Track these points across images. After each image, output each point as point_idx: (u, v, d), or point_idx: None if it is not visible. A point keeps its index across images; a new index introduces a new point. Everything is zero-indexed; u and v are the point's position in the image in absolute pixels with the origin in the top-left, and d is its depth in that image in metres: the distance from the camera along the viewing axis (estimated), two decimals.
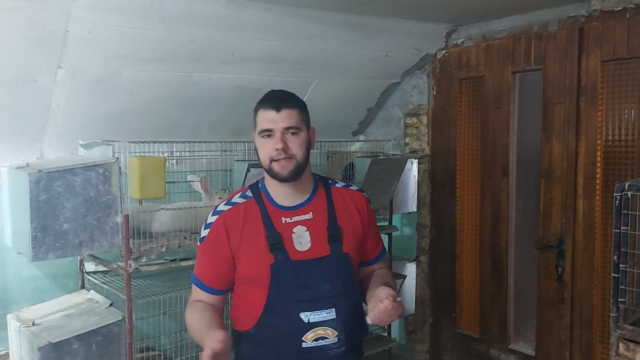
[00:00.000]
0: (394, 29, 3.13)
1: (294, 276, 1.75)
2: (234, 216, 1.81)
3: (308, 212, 1.82)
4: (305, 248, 1.78)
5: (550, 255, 3.01)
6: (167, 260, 2.80)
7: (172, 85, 2.87)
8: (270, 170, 1.77)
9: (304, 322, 1.73)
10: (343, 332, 1.76)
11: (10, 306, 2.82)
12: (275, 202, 1.83)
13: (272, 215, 1.80)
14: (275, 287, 1.75)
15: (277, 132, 1.75)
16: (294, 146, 1.76)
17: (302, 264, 1.76)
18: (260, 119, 1.80)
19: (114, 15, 2.36)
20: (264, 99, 1.83)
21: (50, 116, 2.69)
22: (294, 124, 1.76)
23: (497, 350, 3.31)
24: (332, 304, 1.75)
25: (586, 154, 2.84)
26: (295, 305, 1.74)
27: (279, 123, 1.75)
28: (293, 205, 1.83)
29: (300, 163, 1.77)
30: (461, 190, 3.49)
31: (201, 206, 2.88)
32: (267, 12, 2.66)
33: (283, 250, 1.76)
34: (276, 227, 1.78)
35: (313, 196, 1.86)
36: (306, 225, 1.80)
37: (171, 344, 3.13)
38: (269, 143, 1.76)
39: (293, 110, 1.78)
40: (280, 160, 1.74)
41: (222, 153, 2.91)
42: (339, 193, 1.90)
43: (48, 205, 2.33)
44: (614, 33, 2.71)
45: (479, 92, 3.34)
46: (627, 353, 2.11)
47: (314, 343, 1.74)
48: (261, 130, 1.78)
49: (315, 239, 1.80)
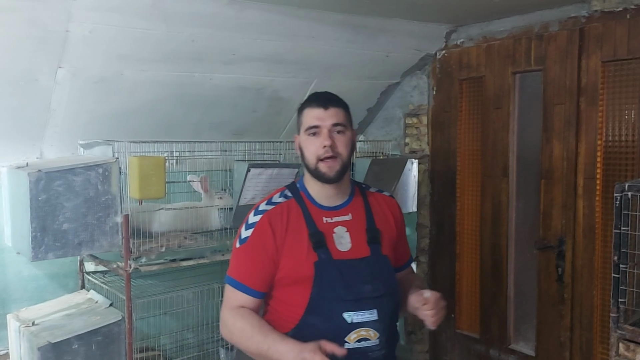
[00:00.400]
0: (394, 29, 3.13)
1: (337, 275, 1.74)
2: (278, 215, 1.80)
3: (347, 213, 1.84)
4: (346, 248, 1.79)
5: (550, 255, 3.01)
6: (167, 260, 2.80)
7: (173, 85, 2.87)
8: (316, 171, 1.78)
9: (347, 322, 1.72)
10: (384, 334, 1.76)
11: (10, 306, 2.82)
12: (316, 202, 1.84)
13: (313, 215, 1.81)
14: (319, 285, 1.74)
15: (324, 128, 1.76)
16: (341, 144, 1.77)
17: (344, 263, 1.77)
18: (307, 116, 1.79)
19: (115, 15, 2.36)
20: (311, 98, 1.84)
21: (51, 116, 2.69)
22: (342, 121, 1.78)
23: (497, 350, 3.31)
24: (374, 305, 1.75)
25: (586, 155, 2.84)
26: (339, 305, 1.73)
27: (326, 120, 1.76)
28: (333, 205, 1.84)
29: (345, 163, 1.79)
30: (461, 191, 3.49)
31: (201, 206, 2.89)
32: (268, 12, 2.66)
33: (326, 249, 1.76)
34: (318, 226, 1.79)
35: (352, 198, 1.88)
36: (346, 226, 1.82)
37: (171, 344, 3.14)
38: (316, 141, 1.76)
39: (340, 109, 1.80)
40: (326, 159, 1.75)
41: (222, 153, 2.91)
42: (374, 197, 1.93)
43: (48, 205, 2.33)
44: (615, 34, 2.71)
45: (480, 92, 3.34)
46: (627, 353, 2.11)
47: (357, 344, 1.73)
48: (308, 127, 1.78)
49: (355, 240, 1.81)
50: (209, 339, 3.21)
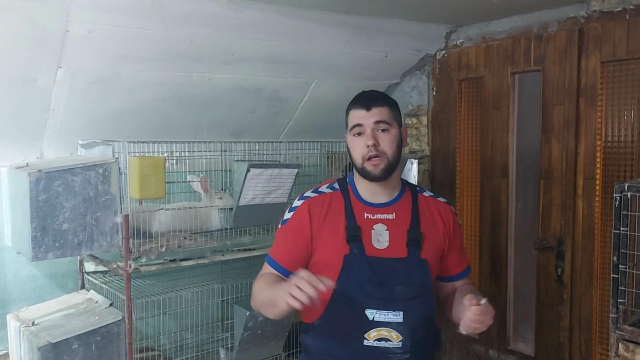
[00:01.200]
0: (393, 29, 3.13)
1: (367, 271, 1.75)
2: (319, 203, 1.84)
3: (391, 212, 1.83)
4: (382, 246, 1.78)
5: (549, 256, 3.01)
6: (167, 260, 2.80)
7: (171, 85, 2.87)
8: (363, 170, 1.79)
9: (368, 318, 1.73)
10: (409, 338, 1.73)
11: (9, 306, 2.82)
12: (361, 197, 1.85)
13: (355, 209, 1.82)
14: (345, 278, 1.75)
15: (367, 127, 1.77)
16: (385, 143, 1.77)
17: (377, 260, 1.76)
18: (352, 117, 1.82)
19: (113, 15, 2.36)
20: (355, 99, 1.86)
21: (50, 116, 2.69)
22: (385, 118, 1.78)
23: (496, 351, 3.31)
24: (401, 307, 1.73)
25: (586, 155, 2.84)
26: (363, 300, 1.73)
27: (369, 119, 1.78)
28: (378, 202, 1.84)
29: (392, 161, 1.79)
30: (461, 191, 3.50)
31: (201, 206, 2.89)
32: (267, 12, 2.66)
33: (360, 244, 1.77)
34: (357, 220, 1.80)
35: (399, 198, 1.87)
36: (387, 225, 1.81)
37: (171, 344, 3.14)
38: (361, 141, 1.78)
39: (384, 108, 1.80)
40: (372, 158, 1.76)
41: (221, 153, 2.91)
42: (425, 201, 1.91)
43: (47, 205, 2.33)
44: (614, 34, 2.71)
45: (479, 93, 3.34)
46: (627, 354, 2.11)
47: (376, 343, 1.72)
48: (352, 127, 1.80)
49: (394, 239, 1.80)
50: (208, 339, 3.21)
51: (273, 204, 2.92)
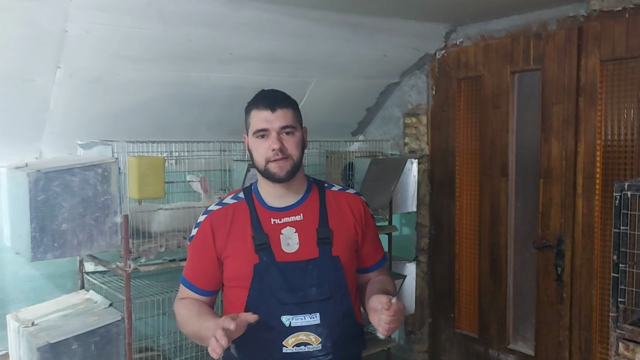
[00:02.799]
0: (392, 28, 3.13)
1: (279, 277, 1.71)
2: (222, 216, 1.79)
3: (298, 213, 1.79)
4: (293, 250, 1.74)
5: (549, 255, 3.01)
6: (166, 261, 2.80)
7: (170, 84, 2.86)
8: (267, 172, 1.74)
9: (285, 325, 1.69)
10: (329, 339, 1.70)
11: (8, 306, 2.82)
12: (266, 203, 1.80)
13: (261, 216, 1.77)
14: (257, 287, 1.72)
15: (272, 131, 1.72)
16: (291, 146, 1.73)
17: (289, 265, 1.72)
18: (255, 119, 1.75)
19: (111, 15, 2.36)
20: (257, 99, 1.78)
21: (49, 116, 2.68)
22: (290, 123, 1.74)
23: (496, 350, 3.31)
24: (317, 309, 1.70)
25: (585, 154, 2.84)
26: (277, 308, 1.70)
27: (274, 123, 1.72)
28: (283, 206, 1.80)
29: (296, 163, 1.75)
30: (460, 190, 3.49)
31: (200, 206, 2.88)
32: (265, 11, 2.65)
33: (269, 251, 1.73)
34: (264, 228, 1.76)
35: (305, 198, 1.83)
36: (295, 227, 1.77)
37: (170, 344, 3.13)
38: (265, 143, 1.73)
39: (288, 110, 1.75)
40: (277, 160, 1.71)
41: (220, 153, 2.90)
42: (333, 196, 1.86)
43: (46, 205, 2.32)
44: (613, 33, 2.71)
45: (478, 92, 3.34)
46: (627, 353, 2.11)
47: (296, 349, 1.69)
48: (256, 131, 1.74)
49: (304, 241, 1.76)
50: None
51: None
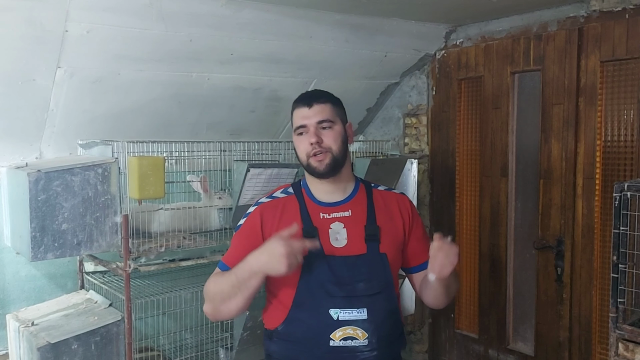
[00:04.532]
0: (393, 29, 3.13)
1: (327, 271, 1.74)
2: (272, 208, 1.84)
3: (347, 209, 1.83)
4: (341, 245, 1.78)
5: (549, 255, 3.01)
6: (166, 261, 2.80)
7: (170, 85, 2.86)
8: (309, 167, 1.79)
9: (332, 318, 1.72)
10: (375, 335, 1.73)
11: (8, 306, 2.82)
12: (315, 198, 1.85)
13: (310, 211, 1.82)
14: (306, 280, 1.75)
15: (310, 127, 1.78)
16: (328, 139, 1.77)
17: (337, 259, 1.76)
18: (295, 117, 1.82)
19: (112, 15, 2.36)
20: (298, 98, 1.85)
21: (49, 116, 2.68)
22: (327, 117, 1.78)
23: (496, 350, 3.31)
24: (365, 304, 1.73)
25: (585, 155, 2.84)
26: (326, 300, 1.73)
27: (312, 118, 1.77)
28: (332, 201, 1.84)
29: (336, 156, 1.78)
30: (460, 191, 3.49)
31: (200, 206, 2.88)
32: (266, 12, 2.65)
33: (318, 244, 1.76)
34: (313, 221, 1.79)
35: (353, 195, 1.86)
36: (344, 222, 1.80)
37: (170, 344, 3.13)
38: (304, 139, 1.78)
39: (326, 105, 1.80)
40: (317, 154, 1.76)
41: (221, 153, 2.90)
42: (380, 195, 1.90)
43: (47, 205, 2.33)
44: (613, 33, 2.71)
45: (478, 92, 3.34)
46: (627, 353, 2.11)
47: (342, 342, 1.71)
48: (296, 128, 1.81)
49: (352, 236, 1.79)
50: (207, 339, 3.21)
51: None
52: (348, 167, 1.87)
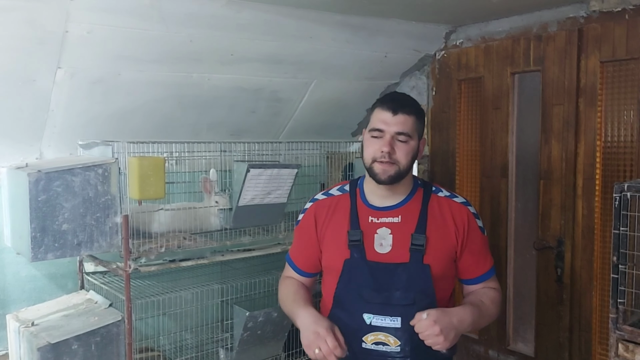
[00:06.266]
0: (393, 29, 3.13)
1: (367, 275, 1.75)
2: (326, 206, 1.88)
3: (397, 215, 1.81)
4: (385, 251, 1.77)
5: (549, 256, 3.01)
6: (166, 261, 2.80)
7: (171, 85, 2.86)
8: (370, 170, 1.78)
9: (365, 323, 1.74)
10: (408, 343, 1.72)
11: (8, 306, 2.82)
12: (367, 201, 1.84)
13: (360, 212, 1.82)
14: (344, 282, 1.77)
15: (387, 134, 1.74)
16: (401, 153, 1.75)
17: (378, 266, 1.75)
18: (375, 117, 1.79)
19: (113, 16, 2.36)
20: (384, 99, 1.82)
21: (50, 116, 2.69)
22: (407, 130, 1.75)
23: (496, 351, 3.31)
24: (399, 313, 1.72)
25: (585, 155, 2.84)
26: (361, 304, 1.74)
27: (392, 126, 1.74)
28: (384, 206, 1.82)
29: (402, 171, 1.77)
30: (460, 191, 3.49)
31: (200, 207, 2.88)
32: (266, 12, 2.66)
33: (361, 249, 1.76)
34: (361, 224, 1.79)
35: (407, 200, 1.83)
36: (391, 228, 1.79)
37: (170, 344, 3.13)
38: (377, 143, 1.76)
39: (409, 117, 1.76)
40: (383, 162, 1.74)
41: (221, 153, 2.91)
42: (438, 202, 1.85)
43: (47, 205, 2.33)
44: (613, 34, 2.71)
45: (478, 93, 3.34)
46: (627, 354, 2.11)
47: (374, 346, 1.74)
48: (372, 129, 1.77)
49: (397, 243, 1.77)
50: (208, 340, 3.21)
51: (273, 205, 2.91)
52: (410, 175, 1.85)
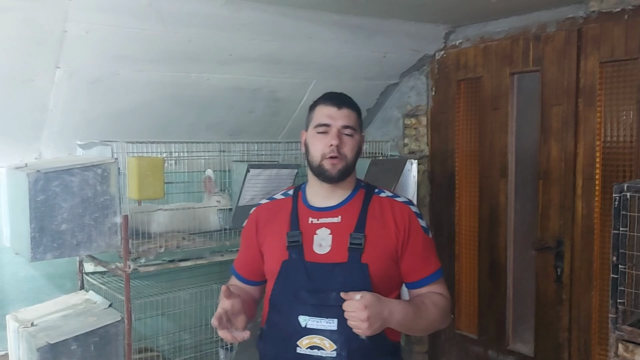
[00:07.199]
0: (392, 29, 3.13)
1: (303, 276, 1.71)
2: (267, 211, 1.88)
3: (337, 215, 1.78)
4: (324, 251, 1.74)
5: (548, 256, 3.01)
6: (165, 261, 2.79)
7: (169, 85, 2.86)
8: (320, 167, 1.75)
9: (301, 325, 1.68)
10: (345, 347, 1.65)
11: (6, 307, 2.81)
12: (308, 202, 1.83)
13: (300, 214, 1.81)
14: (281, 283, 1.75)
15: (334, 128, 1.75)
16: (348, 147, 1.75)
17: (315, 266, 1.72)
18: (319, 113, 1.78)
19: (111, 15, 2.36)
20: (325, 96, 1.82)
21: (48, 116, 2.68)
22: (352, 124, 1.77)
23: (495, 351, 3.31)
24: (336, 315, 1.65)
25: (585, 155, 2.84)
26: (297, 306, 1.69)
27: (338, 120, 1.75)
28: (324, 206, 1.80)
29: (349, 165, 1.77)
30: (459, 191, 3.49)
31: (199, 207, 2.88)
32: (265, 12, 2.65)
33: (299, 250, 1.74)
34: (301, 226, 1.78)
35: (348, 200, 1.81)
36: (331, 229, 1.76)
37: (169, 344, 3.13)
38: (324, 139, 1.74)
39: (353, 112, 1.79)
40: (332, 157, 1.73)
41: (220, 153, 2.90)
42: (379, 202, 1.81)
43: (46, 205, 2.32)
44: (612, 34, 2.71)
45: (477, 93, 3.34)
46: (626, 354, 2.11)
47: (309, 351, 1.67)
48: (318, 124, 1.76)
49: (337, 244, 1.74)
50: (207, 340, 3.21)
51: None
52: (353, 175, 1.84)
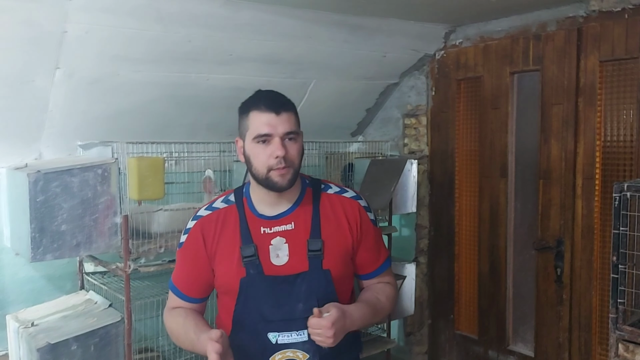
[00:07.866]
0: (391, 29, 3.13)
1: (266, 293, 1.63)
2: (212, 222, 1.71)
3: (289, 222, 1.68)
4: (282, 262, 1.65)
5: (549, 256, 3.00)
6: (166, 261, 2.79)
7: (169, 85, 2.86)
8: (267, 180, 1.61)
9: (271, 342, 1.62)
10: (317, 354, 1.62)
11: (6, 308, 2.81)
12: (256, 211, 1.69)
13: (250, 225, 1.67)
14: (243, 303, 1.65)
15: (276, 137, 1.59)
16: (293, 154, 1.62)
17: (276, 279, 1.64)
18: (256, 122, 1.60)
19: (111, 16, 2.36)
20: (257, 99, 1.64)
21: (48, 117, 2.68)
22: (294, 128, 1.62)
23: (495, 351, 3.30)
24: (305, 326, 1.58)
25: (585, 155, 2.84)
26: (264, 325, 1.62)
27: (279, 127, 1.59)
28: (274, 214, 1.68)
29: (297, 170, 1.64)
30: (459, 191, 3.49)
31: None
32: (264, 12, 2.65)
33: (256, 264, 1.63)
34: (253, 237, 1.66)
35: (297, 204, 1.70)
36: (286, 237, 1.66)
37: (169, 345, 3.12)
38: (267, 150, 1.59)
39: (291, 114, 1.63)
40: (280, 168, 1.59)
41: (220, 154, 2.90)
42: (329, 201, 1.73)
43: (46, 206, 2.32)
44: (613, 33, 2.71)
45: (477, 92, 3.34)
46: (627, 354, 2.11)
47: None
48: (258, 135, 1.59)
49: (294, 252, 1.65)
50: None
51: None
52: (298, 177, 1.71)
